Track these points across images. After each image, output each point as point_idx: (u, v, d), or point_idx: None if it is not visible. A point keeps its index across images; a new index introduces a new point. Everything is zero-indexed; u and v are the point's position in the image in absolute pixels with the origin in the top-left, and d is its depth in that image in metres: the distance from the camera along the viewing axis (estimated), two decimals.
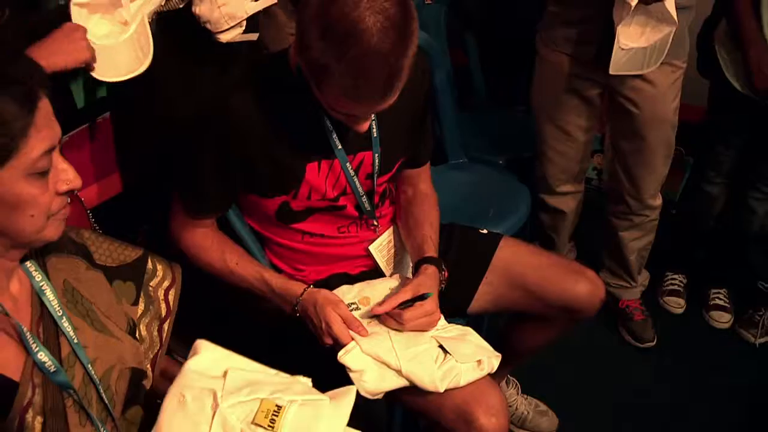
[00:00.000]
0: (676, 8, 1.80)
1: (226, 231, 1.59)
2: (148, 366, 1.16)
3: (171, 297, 1.22)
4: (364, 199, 1.54)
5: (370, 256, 1.63)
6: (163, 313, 1.21)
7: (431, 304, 1.45)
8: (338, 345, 1.40)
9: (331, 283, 1.61)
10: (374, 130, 1.49)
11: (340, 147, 1.45)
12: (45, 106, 0.94)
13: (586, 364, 2.27)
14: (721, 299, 2.50)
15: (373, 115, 1.47)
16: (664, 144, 2.12)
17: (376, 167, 1.52)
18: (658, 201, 2.25)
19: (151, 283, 1.19)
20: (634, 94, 2.03)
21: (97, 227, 1.34)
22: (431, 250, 1.56)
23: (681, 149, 2.67)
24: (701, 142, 2.39)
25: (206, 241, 1.54)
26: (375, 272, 1.64)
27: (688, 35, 2.04)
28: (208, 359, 1.11)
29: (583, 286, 1.63)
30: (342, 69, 1.19)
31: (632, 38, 1.81)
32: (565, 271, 1.65)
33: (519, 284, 1.65)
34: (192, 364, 1.10)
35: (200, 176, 1.48)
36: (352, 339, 1.40)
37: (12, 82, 0.91)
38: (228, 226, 1.60)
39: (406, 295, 1.44)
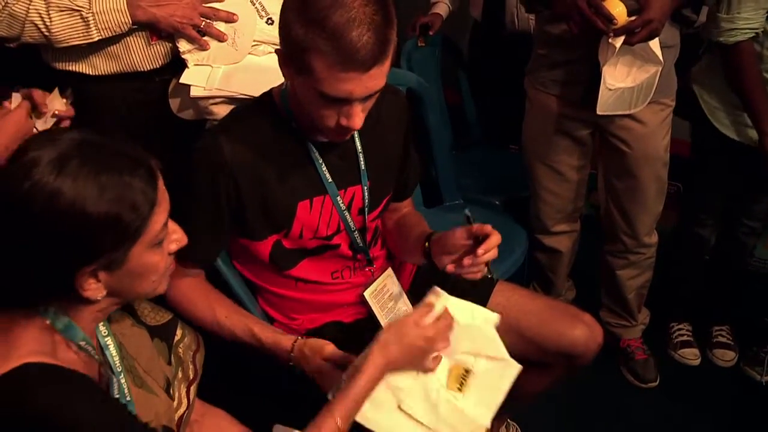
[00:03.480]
0: (662, 47, 1.80)
1: (217, 280, 1.57)
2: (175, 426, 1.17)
3: (198, 361, 1.25)
4: (357, 234, 1.53)
5: (364, 302, 1.61)
6: (191, 375, 1.23)
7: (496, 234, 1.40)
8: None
9: (325, 331, 1.59)
10: (362, 163, 1.49)
11: (330, 180, 1.45)
12: (161, 179, 1.00)
13: (587, 406, 2.23)
14: (724, 336, 2.46)
15: (359, 147, 1.48)
16: (656, 181, 2.11)
17: (366, 201, 1.52)
18: (654, 238, 2.23)
19: (180, 346, 1.23)
20: (625, 133, 2.03)
21: None
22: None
23: (678, 185, 2.65)
24: (690, 185, 2.36)
25: (194, 294, 1.51)
26: (370, 320, 1.62)
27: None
28: None
29: (580, 331, 1.61)
30: (332, 36, 1.18)
31: (618, 78, 1.81)
32: (561, 316, 1.63)
33: (514, 330, 1.62)
34: None
35: (189, 224, 1.47)
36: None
37: (138, 164, 0.97)
38: (218, 276, 1.59)
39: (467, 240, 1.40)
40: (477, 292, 1.67)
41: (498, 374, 1.37)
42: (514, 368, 1.37)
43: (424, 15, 2.86)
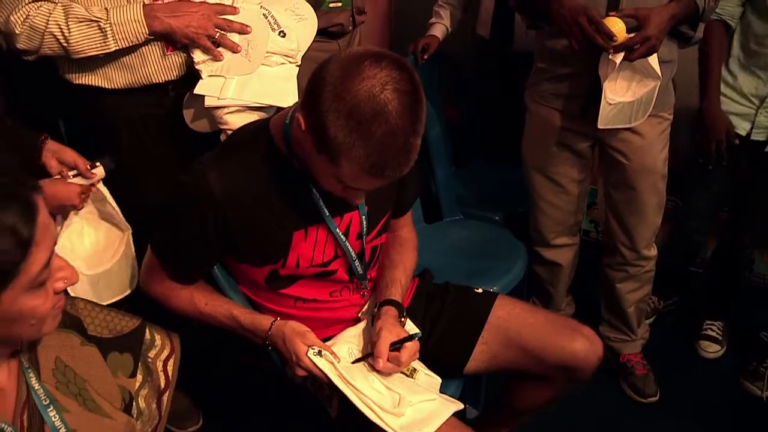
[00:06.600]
0: (660, 62, 1.83)
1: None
2: None
3: (170, 368, 1.19)
4: (357, 263, 1.53)
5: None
6: (162, 384, 1.17)
7: (417, 344, 1.46)
8: (310, 376, 1.41)
9: None
10: None
11: (328, 214, 1.45)
12: (42, 213, 0.87)
13: (587, 421, 2.22)
14: (714, 331, 2.52)
15: None
16: (655, 194, 2.12)
17: (364, 227, 1.52)
18: (653, 251, 2.24)
19: (149, 354, 1.16)
20: (624, 146, 2.05)
21: None
22: (397, 294, 1.56)
23: (677, 201, 2.66)
24: (688, 187, 2.43)
25: (172, 284, 1.51)
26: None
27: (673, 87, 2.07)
28: None
29: (580, 344, 1.61)
30: (369, 149, 1.19)
31: (618, 93, 1.83)
32: (561, 329, 1.63)
33: (515, 343, 1.63)
34: None
35: (173, 249, 1.48)
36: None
37: (12, 198, 0.83)
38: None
39: (392, 338, 1.44)
40: (477, 308, 1.68)
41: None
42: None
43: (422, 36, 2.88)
